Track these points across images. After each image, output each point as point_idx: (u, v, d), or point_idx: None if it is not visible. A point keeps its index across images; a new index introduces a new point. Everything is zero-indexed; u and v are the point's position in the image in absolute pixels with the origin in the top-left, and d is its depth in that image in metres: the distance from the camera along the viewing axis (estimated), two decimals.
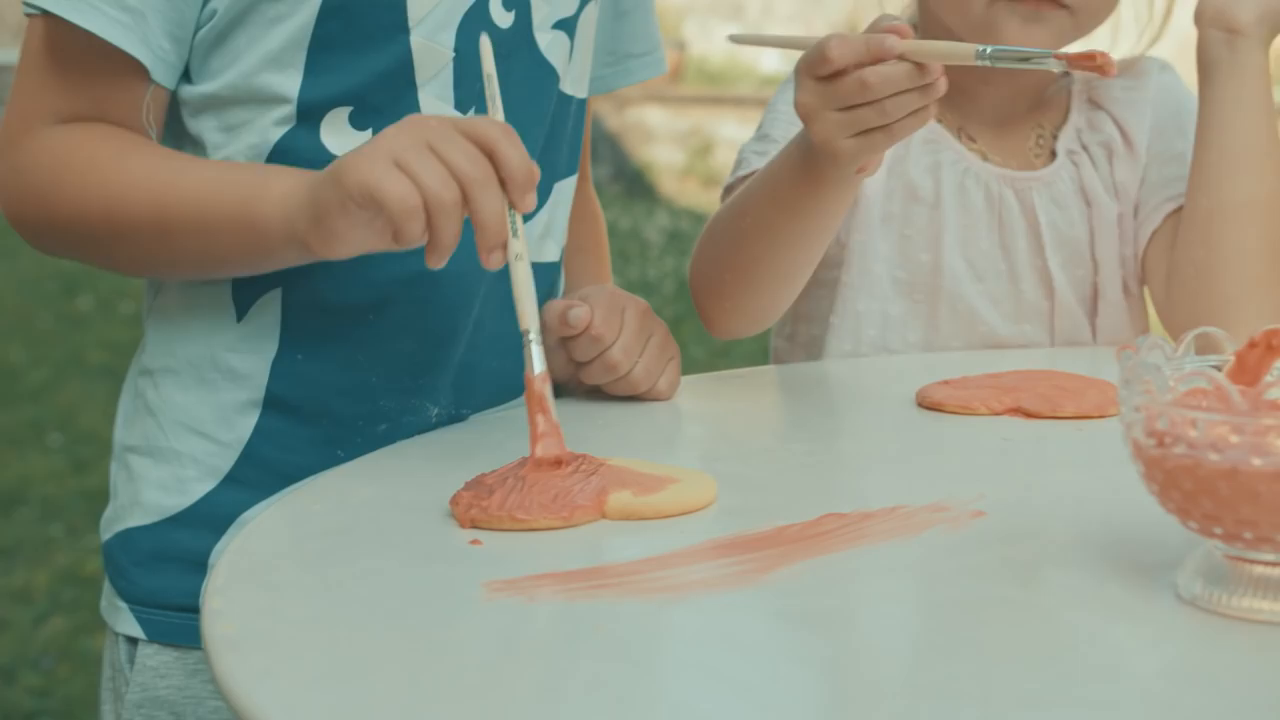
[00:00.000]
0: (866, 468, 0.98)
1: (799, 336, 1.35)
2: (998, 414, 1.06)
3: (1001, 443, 1.00)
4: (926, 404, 1.10)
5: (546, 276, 1.15)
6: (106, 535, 1.09)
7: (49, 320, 5.07)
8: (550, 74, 1.10)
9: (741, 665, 0.66)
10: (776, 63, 11.54)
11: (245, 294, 1.04)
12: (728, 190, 1.27)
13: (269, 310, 1.04)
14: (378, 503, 0.90)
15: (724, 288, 1.20)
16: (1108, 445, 0.83)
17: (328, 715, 0.62)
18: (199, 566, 1.02)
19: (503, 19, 1.05)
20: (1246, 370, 0.77)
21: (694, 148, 8.04)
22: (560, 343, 1.11)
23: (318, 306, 1.04)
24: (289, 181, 0.95)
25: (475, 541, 0.81)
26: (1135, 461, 0.72)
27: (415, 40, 1.01)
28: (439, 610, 0.74)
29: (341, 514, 0.88)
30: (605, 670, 0.65)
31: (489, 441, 1.04)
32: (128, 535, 1.06)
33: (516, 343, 1.12)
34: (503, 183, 0.89)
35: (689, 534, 0.81)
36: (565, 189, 1.16)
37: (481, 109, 1.05)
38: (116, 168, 1.00)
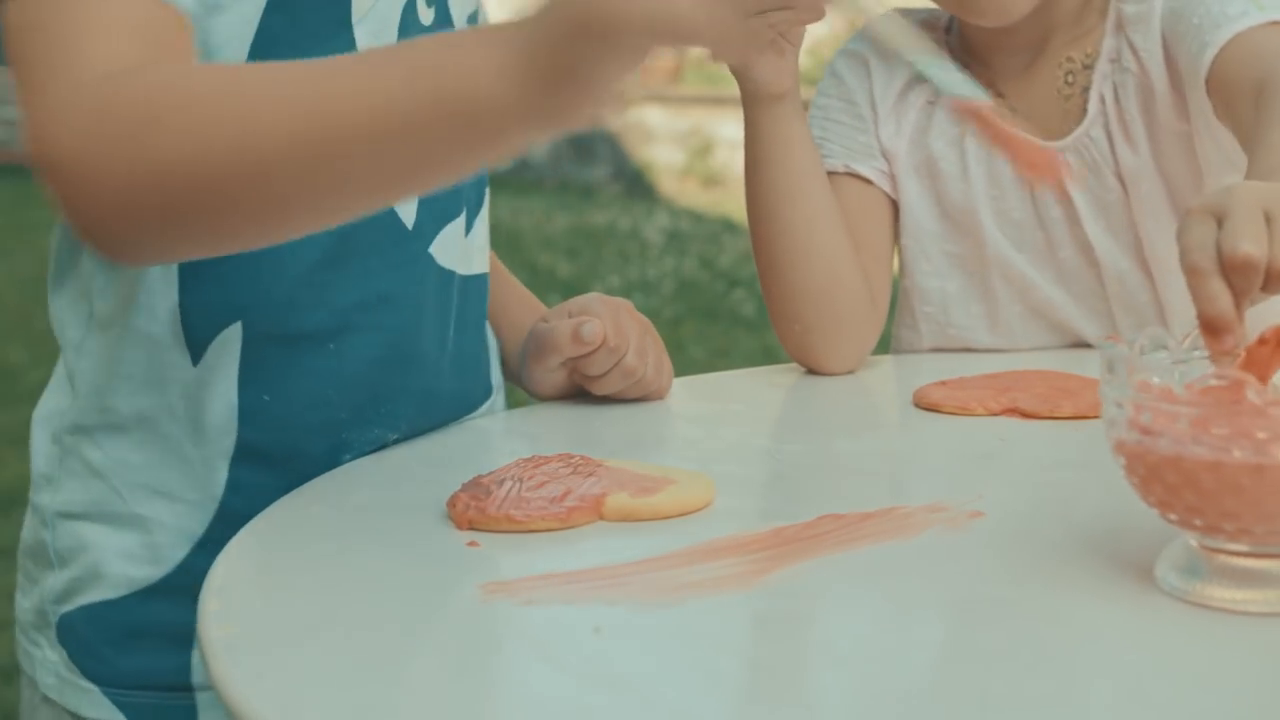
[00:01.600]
0: (864, 468, 0.98)
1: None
2: (995, 414, 1.06)
3: (999, 443, 1.00)
4: (924, 404, 1.10)
5: (482, 286, 1.10)
6: (60, 610, 0.97)
7: (49, 320, 5.06)
8: None
9: (741, 666, 0.66)
10: None
11: (199, 332, 0.94)
12: None
13: (228, 349, 0.94)
14: (375, 504, 0.90)
15: (768, 300, 1.24)
16: (1105, 445, 0.83)
17: (326, 717, 0.62)
18: (183, 640, 0.93)
19: (425, 16, 1.00)
20: (1256, 366, 0.75)
21: (694, 148, 8.03)
22: (566, 360, 1.10)
23: (279, 337, 0.95)
24: (489, 48, 0.74)
25: (473, 543, 0.81)
26: (1117, 455, 0.73)
27: (360, 36, 0.95)
28: (436, 612, 0.74)
29: (339, 516, 0.88)
30: (603, 672, 0.65)
31: (487, 442, 1.04)
32: (94, 611, 0.96)
33: (475, 361, 1.10)
34: None
35: (687, 535, 0.81)
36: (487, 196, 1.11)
37: None
38: (257, 89, 0.78)
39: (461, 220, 1.05)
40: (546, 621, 0.70)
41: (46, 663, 0.98)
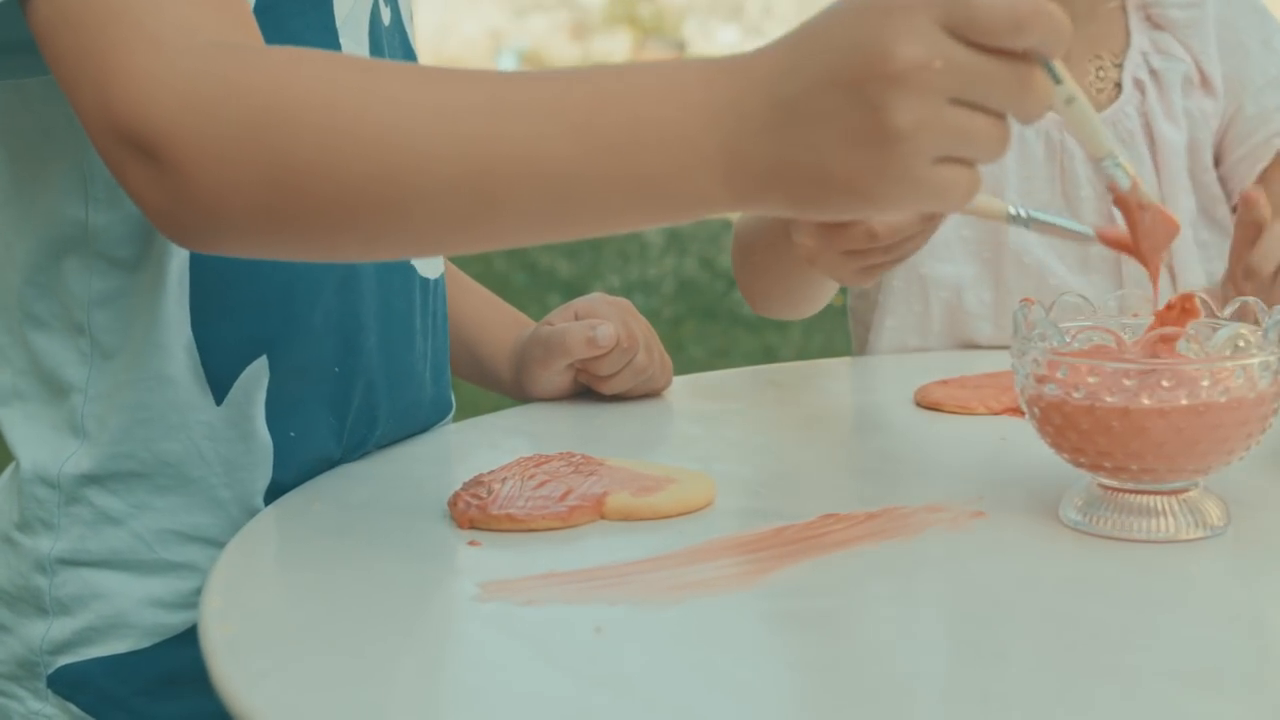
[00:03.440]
0: (865, 468, 0.98)
1: (871, 294, 1.38)
2: (996, 413, 1.06)
3: (1000, 442, 1.00)
4: (925, 403, 1.10)
5: (442, 289, 1.07)
6: (58, 661, 0.90)
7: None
8: (414, 60, 1.04)
9: (741, 666, 0.66)
10: None
11: (221, 369, 0.89)
12: None
13: (254, 386, 0.90)
14: (376, 503, 0.90)
15: (754, 299, 1.29)
16: None
17: (326, 717, 0.62)
18: None
19: (384, 15, 0.98)
20: (1166, 327, 0.82)
21: None
22: (574, 362, 1.10)
23: (299, 369, 0.92)
24: (699, 141, 0.67)
25: (474, 543, 0.81)
26: (1031, 409, 0.81)
27: (344, 41, 0.92)
28: (437, 611, 0.74)
29: (340, 515, 0.88)
30: (603, 672, 0.65)
31: (487, 441, 1.04)
32: (118, 662, 0.90)
33: (444, 367, 1.05)
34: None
35: (688, 535, 0.81)
36: None
37: None
38: (416, 111, 0.69)
39: None
40: (547, 621, 0.70)
41: (33, 717, 0.91)
